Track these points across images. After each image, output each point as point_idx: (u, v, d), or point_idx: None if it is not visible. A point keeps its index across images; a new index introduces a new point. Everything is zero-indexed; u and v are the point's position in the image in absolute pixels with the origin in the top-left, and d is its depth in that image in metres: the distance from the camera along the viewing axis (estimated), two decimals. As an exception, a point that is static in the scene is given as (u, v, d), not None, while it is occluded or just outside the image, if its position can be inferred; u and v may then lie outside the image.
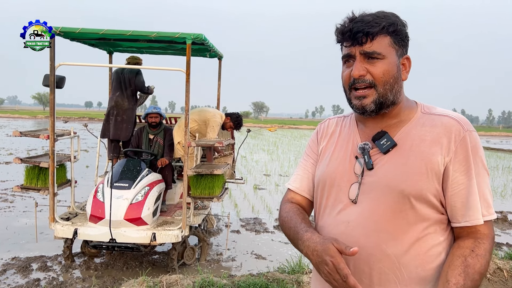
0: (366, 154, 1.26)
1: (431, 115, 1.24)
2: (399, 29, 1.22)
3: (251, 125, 55.97)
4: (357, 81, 1.21)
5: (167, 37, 4.22)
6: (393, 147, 1.22)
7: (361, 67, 1.20)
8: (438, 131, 1.19)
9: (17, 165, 11.14)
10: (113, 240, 4.34)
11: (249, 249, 5.88)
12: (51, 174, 4.46)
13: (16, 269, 4.72)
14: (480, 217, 1.16)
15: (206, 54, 5.82)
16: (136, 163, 4.93)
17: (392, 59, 1.21)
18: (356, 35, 1.19)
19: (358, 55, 1.20)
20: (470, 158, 1.16)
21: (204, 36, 4.27)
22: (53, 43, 4.23)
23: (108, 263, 4.99)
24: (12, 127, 31.74)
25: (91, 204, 4.52)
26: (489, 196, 1.19)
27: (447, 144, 1.17)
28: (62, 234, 4.48)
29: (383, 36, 1.19)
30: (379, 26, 1.18)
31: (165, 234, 4.38)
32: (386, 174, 1.21)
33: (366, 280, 1.22)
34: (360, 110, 1.24)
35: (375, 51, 1.19)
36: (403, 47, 1.24)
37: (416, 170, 1.17)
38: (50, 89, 4.33)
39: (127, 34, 4.22)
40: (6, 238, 5.76)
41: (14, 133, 4.52)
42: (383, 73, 1.19)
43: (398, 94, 1.24)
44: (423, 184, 1.17)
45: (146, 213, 4.45)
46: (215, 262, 5.33)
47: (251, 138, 26.43)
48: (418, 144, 1.19)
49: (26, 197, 8.09)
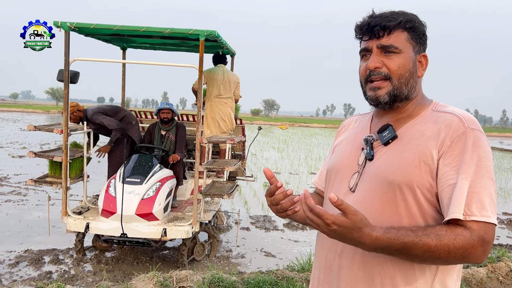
0: (369, 145, 1.28)
1: (439, 112, 1.23)
2: (417, 26, 1.23)
3: (262, 123, 56.09)
4: (372, 73, 1.23)
5: (181, 33, 4.23)
6: (393, 139, 1.24)
7: (377, 60, 1.22)
8: (439, 127, 1.18)
9: (30, 159, 11.29)
10: (124, 234, 4.38)
11: (258, 247, 5.89)
12: (64, 168, 4.52)
13: (28, 261, 4.79)
14: (460, 213, 1.07)
15: (218, 51, 5.82)
16: (148, 158, 4.95)
17: (408, 54, 1.22)
18: (374, 29, 1.21)
19: (375, 49, 1.23)
20: (466, 155, 1.12)
21: (217, 33, 4.28)
22: (68, 38, 4.27)
23: (119, 258, 5.04)
24: (26, 121, 32.17)
25: (103, 198, 4.56)
26: (485, 198, 1.09)
27: (444, 138, 1.15)
28: (74, 228, 4.53)
29: (400, 31, 1.21)
30: (396, 20, 1.21)
31: (176, 230, 4.40)
32: (382, 164, 1.23)
33: (350, 264, 1.24)
34: (374, 102, 1.26)
35: (392, 45, 1.21)
36: (420, 44, 1.25)
37: (410, 162, 1.17)
38: (64, 84, 4.38)
39: (140, 30, 4.23)
40: (19, 231, 5.85)
41: (28, 127, 4.59)
42: (398, 66, 1.21)
43: (413, 90, 1.25)
44: (415, 176, 1.15)
45: (157, 209, 4.47)
46: (225, 258, 5.35)
47: (261, 136, 26.37)
48: (417, 138, 1.20)
49: (39, 191, 8.20)
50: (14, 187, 8.50)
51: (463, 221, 1.08)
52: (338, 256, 1.27)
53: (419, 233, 1.08)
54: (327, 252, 1.32)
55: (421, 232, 1.08)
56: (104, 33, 4.72)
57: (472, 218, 1.08)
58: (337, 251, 1.27)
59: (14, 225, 6.07)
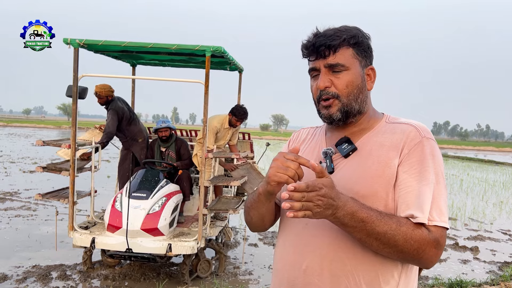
0: (328, 158, 1.29)
1: (393, 124, 1.28)
2: (361, 41, 1.26)
3: (271, 138, 56.36)
4: (323, 92, 1.26)
5: (187, 49, 4.28)
6: (353, 151, 1.26)
7: (326, 79, 1.24)
8: (396, 137, 1.21)
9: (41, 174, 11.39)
10: (130, 250, 4.37)
11: (266, 263, 5.83)
12: (71, 183, 4.54)
13: (36, 277, 4.79)
14: (425, 217, 1.11)
15: (226, 67, 5.87)
16: (154, 173, 4.97)
17: (355, 69, 1.25)
18: (319, 49, 1.23)
19: (323, 68, 1.25)
20: (425, 163, 1.16)
21: (224, 49, 4.31)
22: (77, 55, 4.34)
23: (126, 273, 5.01)
24: (37, 136, 32.61)
25: (109, 213, 4.56)
26: (443, 205, 1.15)
27: (402, 147, 1.19)
28: (80, 243, 4.53)
29: (345, 48, 1.23)
30: (340, 38, 1.23)
31: (181, 245, 4.38)
32: (344, 176, 1.23)
33: (317, 281, 1.21)
34: (328, 119, 1.29)
35: (338, 63, 1.23)
36: (366, 58, 1.28)
37: (373, 173, 1.18)
38: (73, 99, 4.43)
39: (148, 46, 4.29)
40: (27, 246, 5.87)
41: (37, 142, 4.64)
42: (346, 84, 1.24)
43: (364, 104, 1.28)
44: (379, 186, 1.17)
45: (163, 224, 4.46)
46: (232, 275, 5.30)
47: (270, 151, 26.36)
48: (377, 149, 1.22)
49: (48, 206, 8.26)
50: (24, 202, 8.58)
51: (425, 225, 1.12)
52: (303, 273, 1.23)
53: (383, 213, 1.12)
54: (289, 268, 1.28)
55: (385, 213, 1.13)
56: (112, 50, 4.80)
57: (434, 223, 1.12)
58: (301, 268, 1.24)
59: (23, 240, 6.10)
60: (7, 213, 7.62)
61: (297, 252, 1.26)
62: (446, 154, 41.00)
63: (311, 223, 1.25)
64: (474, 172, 22.63)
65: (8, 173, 12.68)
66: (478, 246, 7.36)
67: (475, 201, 12.43)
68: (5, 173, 12.52)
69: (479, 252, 7.07)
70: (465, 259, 6.61)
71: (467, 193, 13.98)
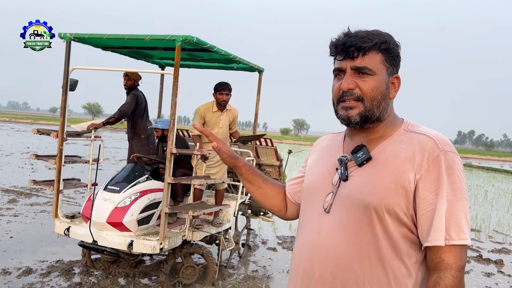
0: (343, 165, 1.28)
1: (411, 133, 1.23)
2: (392, 48, 1.23)
3: (291, 142, 56.42)
4: (345, 94, 1.23)
5: (159, 39, 4.13)
6: (367, 160, 1.23)
7: (351, 81, 1.21)
8: (413, 149, 1.18)
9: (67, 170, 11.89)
10: (95, 242, 4.29)
11: (285, 268, 5.73)
12: (57, 171, 4.65)
13: (59, 272, 4.93)
14: (442, 239, 1.11)
15: (233, 65, 5.61)
16: (139, 169, 4.87)
17: (382, 76, 1.22)
18: (349, 49, 1.21)
19: (349, 70, 1.23)
20: (443, 178, 1.13)
21: (197, 38, 4.07)
22: (69, 48, 4.44)
23: (146, 272, 5.03)
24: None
25: (84, 203, 4.58)
26: (463, 220, 1.13)
27: (420, 162, 1.15)
28: (58, 230, 4.60)
29: (375, 52, 1.21)
30: (371, 42, 1.20)
31: (142, 244, 4.17)
32: (357, 186, 1.22)
33: None
34: (346, 121, 1.26)
35: (366, 67, 1.21)
36: (394, 66, 1.25)
37: (386, 185, 1.16)
38: (63, 91, 4.56)
39: (125, 38, 4.20)
40: (52, 241, 6.00)
41: (32, 131, 4.88)
42: (371, 89, 1.21)
43: (385, 111, 1.25)
44: (392, 199, 1.15)
45: (129, 219, 4.31)
46: (251, 279, 5.23)
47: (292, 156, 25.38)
48: (392, 159, 1.19)
49: (72, 203, 8.44)
50: (49, 198, 8.76)
51: (442, 247, 1.12)
52: (316, 281, 1.25)
53: None
54: (303, 275, 1.30)
55: None
56: (98, 43, 4.84)
57: (452, 243, 1.12)
58: (314, 275, 1.26)
59: (48, 235, 6.24)
60: (33, 208, 7.84)
61: (310, 260, 1.27)
62: (470, 164, 39.16)
63: (324, 232, 1.26)
64: (499, 184, 21.91)
65: (34, 169, 12.95)
66: (503, 259, 6.98)
67: (500, 213, 11.98)
68: (31, 169, 12.82)
69: (503, 265, 6.75)
70: (489, 272, 6.30)
71: (492, 204, 13.51)
